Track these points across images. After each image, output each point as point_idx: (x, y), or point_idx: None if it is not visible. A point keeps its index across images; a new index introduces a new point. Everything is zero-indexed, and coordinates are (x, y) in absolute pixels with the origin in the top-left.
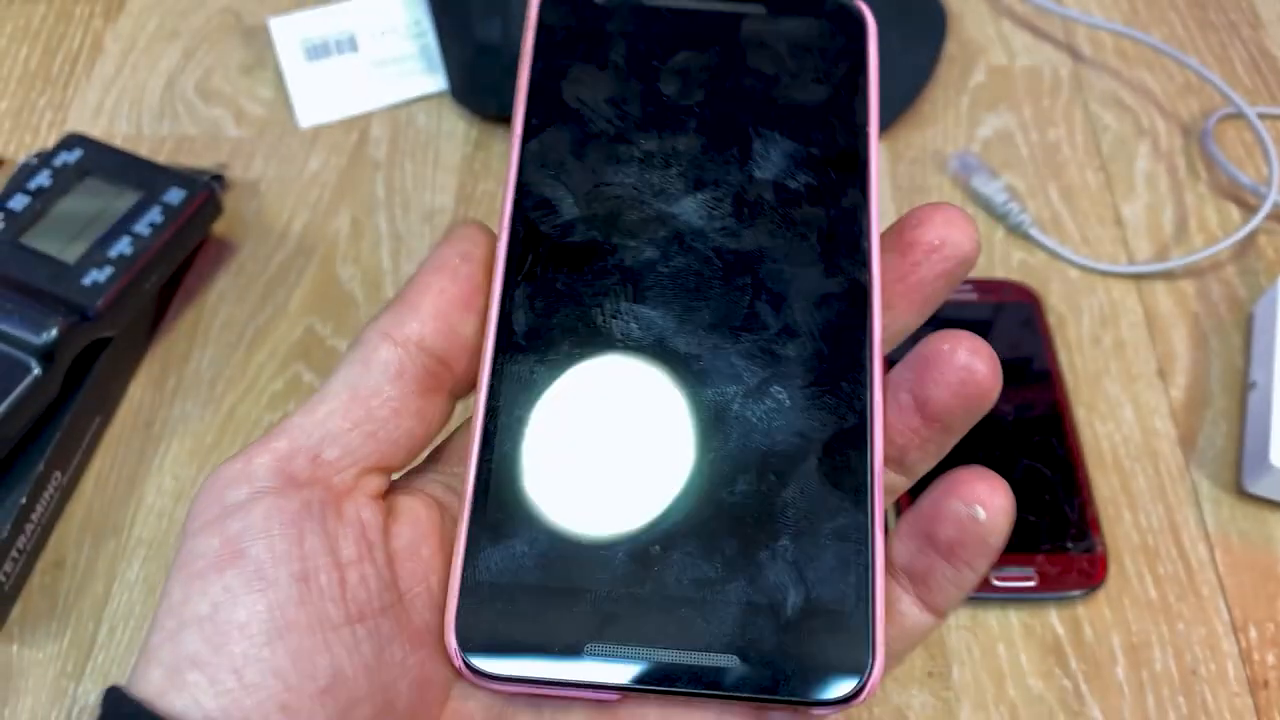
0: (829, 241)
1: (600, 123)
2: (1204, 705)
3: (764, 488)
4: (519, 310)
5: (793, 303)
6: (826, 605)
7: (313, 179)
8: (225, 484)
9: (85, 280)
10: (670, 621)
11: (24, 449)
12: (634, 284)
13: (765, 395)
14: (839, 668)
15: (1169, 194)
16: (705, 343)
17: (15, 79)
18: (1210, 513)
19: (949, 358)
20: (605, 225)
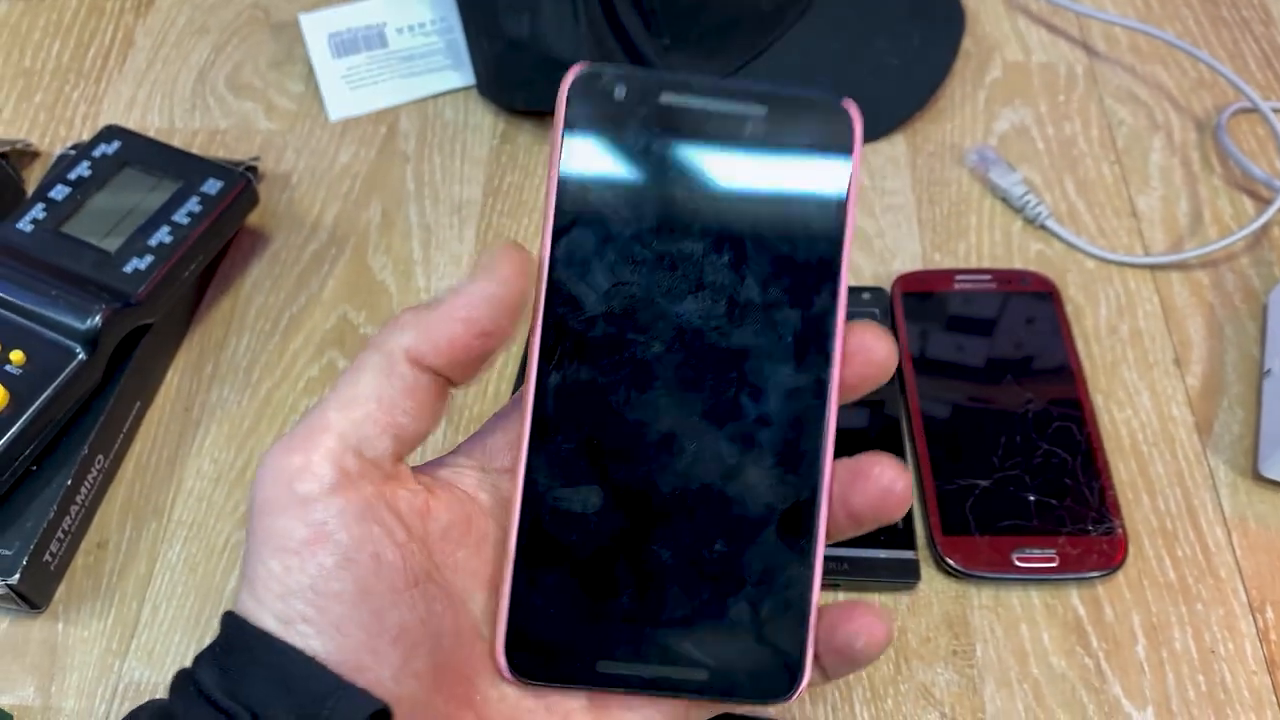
0: (802, 343)
1: (619, 224)
2: (1222, 683)
3: (735, 545)
4: (552, 393)
5: (769, 395)
6: (775, 636)
7: (343, 171)
8: (291, 476)
9: (126, 268)
10: (661, 644)
11: (68, 433)
12: (642, 374)
13: (741, 471)
14: (779, 679)
15: (1183, 187)
16: (697, 427)
17: (49, 73)
18: (1227, 496)
19: (875, 480)
20: (619, 321)
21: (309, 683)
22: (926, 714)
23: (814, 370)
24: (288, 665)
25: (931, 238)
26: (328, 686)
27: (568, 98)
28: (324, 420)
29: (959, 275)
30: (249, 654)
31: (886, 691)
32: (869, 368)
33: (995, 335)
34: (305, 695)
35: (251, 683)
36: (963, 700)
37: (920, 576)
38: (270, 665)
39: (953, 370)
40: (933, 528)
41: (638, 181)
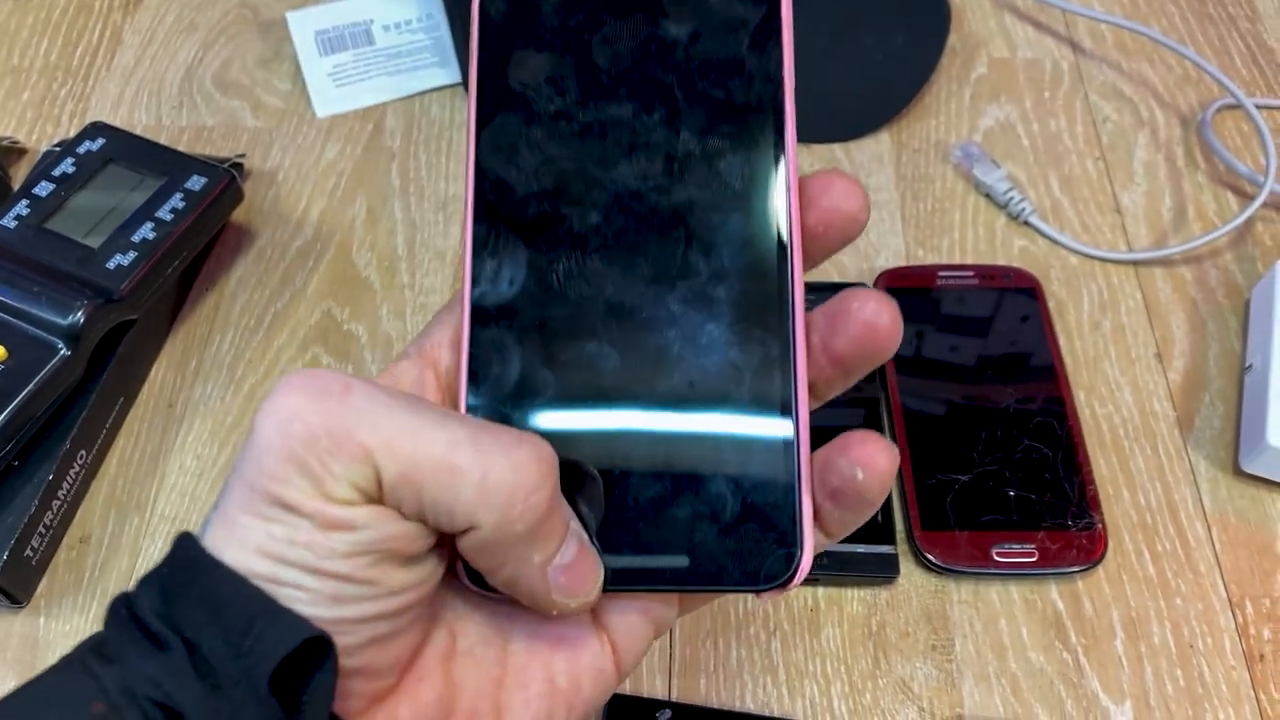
0: (753, 190)
1: (542, 102)
2: (1201, 678)
3: (704, 414)
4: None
5: (720, 247)
6: (760, 510)
7: (329, 168)
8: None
9: (109, 264)
10: (632, 532)
11: (50, 428)
12: (582, 246)
13: (702, 332)
14: (774, 560)
15: (1168, 183)
16: (648, 291)
17: (37, 70)
18: (1207, 492)
19: (856, 314)
20: (555, 194)
21: (238, 605)
22: (905, 708)
23: (767, 216)
24: (214, 583)
25: (915, 234)
26: (252, 611)
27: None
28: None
29: (942, 271)
30: (189, 574)
31: (865, 686)
32: (835, 214)
33: (978, 331)
34: (230, 619)
35: (188, 606)
36: (941, 695)
37: (899, 571)
38: (203, 586)
39: (934, 366)
40: (912, 523)
41: (557, 58)
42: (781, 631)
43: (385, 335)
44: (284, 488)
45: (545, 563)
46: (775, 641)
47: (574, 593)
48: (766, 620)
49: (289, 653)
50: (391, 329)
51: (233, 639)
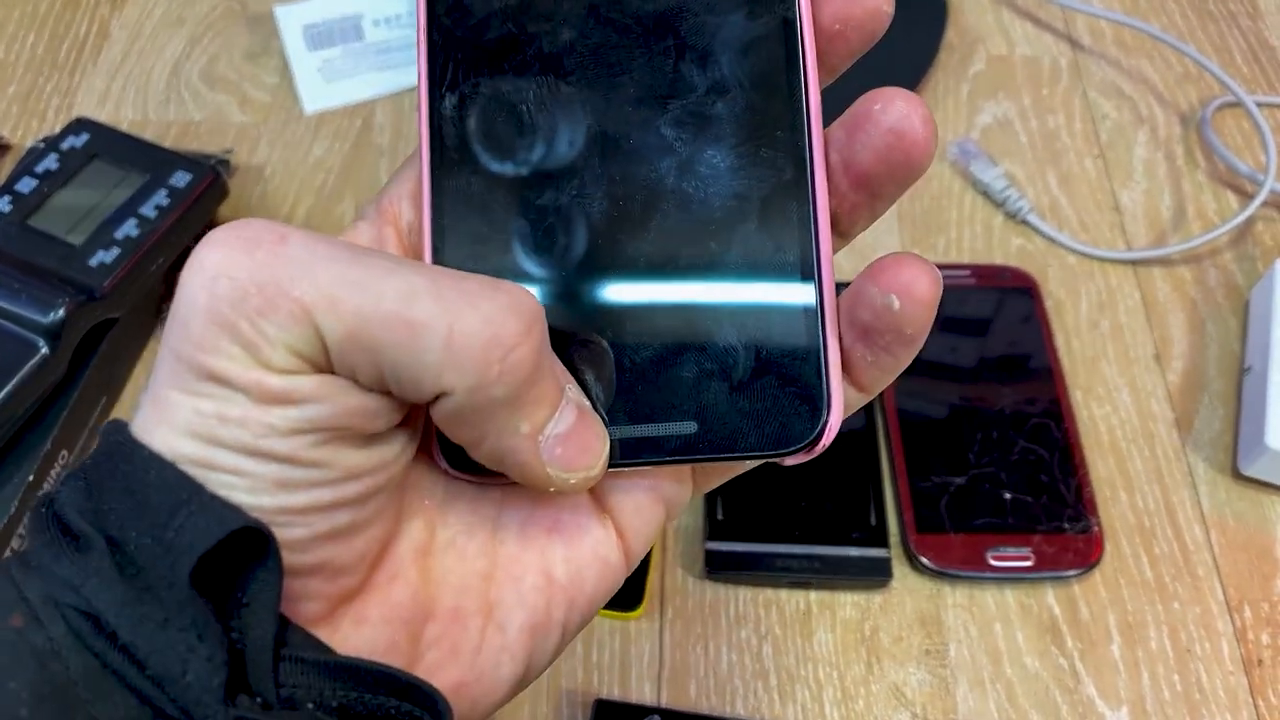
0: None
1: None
2: (1198, 683)
3: (708, 252)
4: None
5: (717, 54)
6: (778, 364)
7: (317, 164)
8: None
9: (92, 261)
10: (632, 398)
11: (31, 427)
12: (557, 65)
13: (701, 162)
14: (796, 420)
15: (1167, 181)
16: (636, 113)
17: (23, 65)
18: (1206, 494)
19: (878, 118)
20: (521, 9)
21: (160, 493)
22: (898, 714)
23: (771, 14)
24: (142, 473)
25: (911, 232)
26: (176, 498)
27: None
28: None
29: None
30: (115, 465)
31: (858, 692)
32: (854, 6)
33: (974, 331)
34: (156, 510)
35: (112, 500)
36: (935, 701)
37: (893, 575)
38: (126, 475)
39: (930, 366)
40: (906, 525)
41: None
42: (773, 636)
43: None
44: (212, 356)
45: (535, 432)
46: (766, 646)
47: (573, 466)
48: (758, 624)
49: (214, 545)
50: None
51: (157, 533)
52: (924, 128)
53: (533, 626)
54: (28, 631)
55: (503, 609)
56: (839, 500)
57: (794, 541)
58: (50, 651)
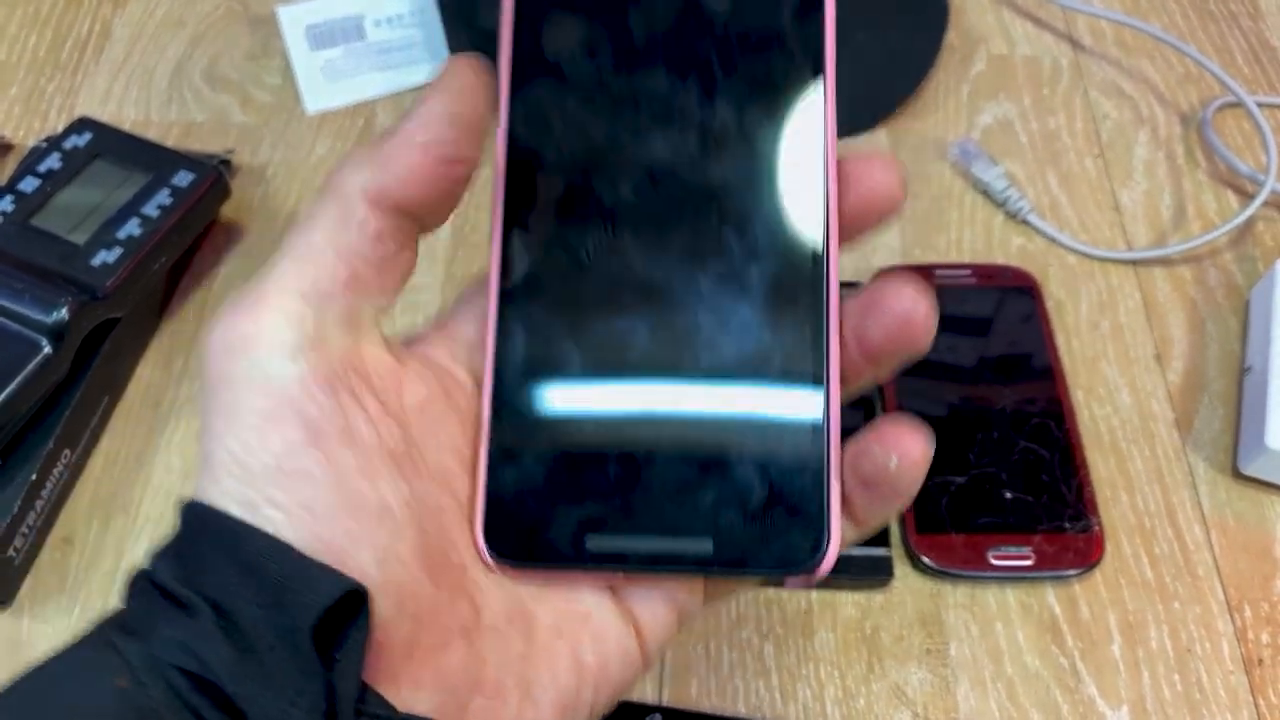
0: (787, 167)
1: (577, 73)
2: (1199, 683)
3: (733, 394)
4: (518, 253)
5: (755, 226)
6: (788, 495)
7: (319, 164)
8: (246, 343)
9: (94, 261)
10: (656, 513)
11: (34, 427)
12: (613, 221)
13: (733, 312)
14: (800, 546)
15: (1167, 181)
16: (680, 267)
17: (24, 65)
18: (1206, 494)
19: (891, 305)
20: (588, 167)
21: (271, 565)
22: (899, 713)
23: (804, 195)
24: (248, 547)
25: (912, 232)
26: (291, 569)
27: None
28: (278, 278)
29: (939, 270)
30: (207, 539)
31: (859, 691)
32: (873, 195)
33: (975, 331)
34: (267, 579)
35: (211, 569)
36: (936, 700)
37: (894, 574)
38: (230, 549)
39: (930, 365)
40: (907, 525)
41: (592, 28)
42: (774, 635)
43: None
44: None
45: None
46: (768, 645)
47: None
48: (759, 623)
49: (329, 604)
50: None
51: (266, 596)
52: (928, 316)
53: (564, 706)
54: (133, 692)
55: (538, 687)
56: None
57: None
58: (152, 710)
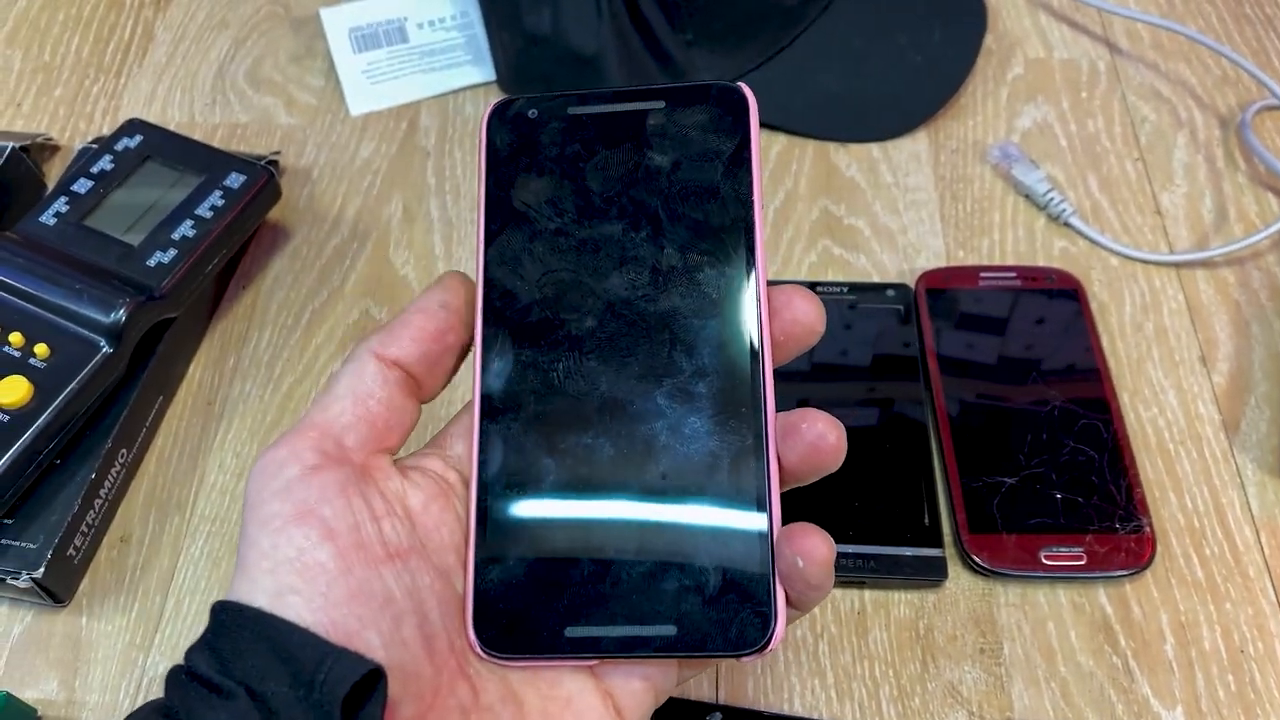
0: (726, 299)
1: (543, 221)
2: (1252, 683)
3: (687, 498)
4: (496, 378)
5: (701, 349)
6: (738, 585)
7: (364, 166)
8: (279, 465)
9: (150, 261)
10: (625, 604)
11: (91, 427)
12: (578, 347)
13: (685, 425)
14: (751, 629)
15: (1208, 184)
16: (636, 389)
17: (69, 67)
18: (1255, 495)
19: (804, 434)
20: (551, 305)
21: (302, 650)
22: (954, 712)
23: (741, 322)
24: (279, 636)
25: (955, 234)
26: (320, 652)
27: (487, 124)
28: (307, 419)
29: (984, 272)
30: (240, 632)
31: (914, 690)
32: (795, 326)
33: (1020, 333)
34: (298, 663)
35: (244, 658)
36: (990, 699)
37: (947, 574)
38: (262, 638)
39: (977, 367)
40: (959, 525)
41: (556, 182)
42: (829, 634)
43: None
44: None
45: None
46: (823, 644)
47: None
48: (814, 623)
49: (357, 680)
50: None
51: (301, 679)
52: (837, 445)
53: None
54: None
55: None
56: (892, 501)
57: (848, 541)
58: None
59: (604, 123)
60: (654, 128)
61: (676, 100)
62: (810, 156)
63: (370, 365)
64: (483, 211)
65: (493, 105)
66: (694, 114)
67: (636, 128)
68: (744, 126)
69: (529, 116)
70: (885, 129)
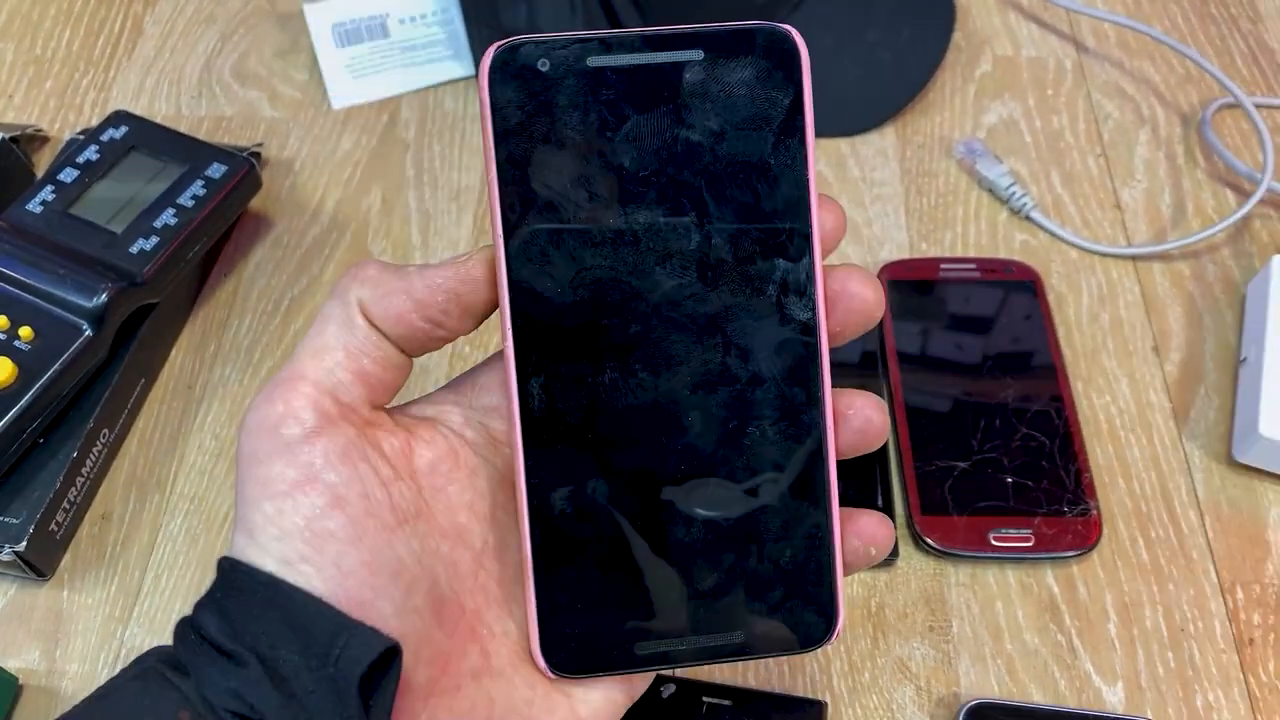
0: (783, 293)
1: (570, 209)
2: (1191, 661)
3: (750, 506)
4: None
5: (757, 353)
6: (804, 585)
7: (345, 158)
8: (276, 421)
9: (132, 248)
10: (693, 616)
11: (74, 407)
12: (626, 357)
13: (743, 432)
14: (817, 625)
15: (1167, 179)
16: (690, 398)
17: (59, 60)
18: (1201, 481)
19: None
20: (590, 309)
21: (317, 622)
22: (902, 687)
23: (799, 319)
24: (292, 605)
25: (918, 227)
26: (336, 625)
27: (490, 81)
28: (299, 368)
29: (944, 264)
30: (251, 596)
31: (864, 665)
32: (853, 314)
33: (978, 322)
34: (312, 635)
35: (256, 624)
36: (938, 674)
37: (899, 554)
38: (275, 605)
39: (935, 356)
40: (912, 507)
41: (582, 158)
42: None
43: None
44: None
45: None
46: None
47: None
48: None
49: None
50: None
51: (314, 650)
52: (883, 426)
53: None
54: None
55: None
56: (847, 484)
57: None
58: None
59: (632, 79)
60: (691, 85)
61: (716, 48)
62: None
63: (358, 320)
64: (497, 196)
65: (493, 52)
66: (738, 68)
67: (671, 86)
68: (796, 84)
69: (540, 70)
70: (853, 124)
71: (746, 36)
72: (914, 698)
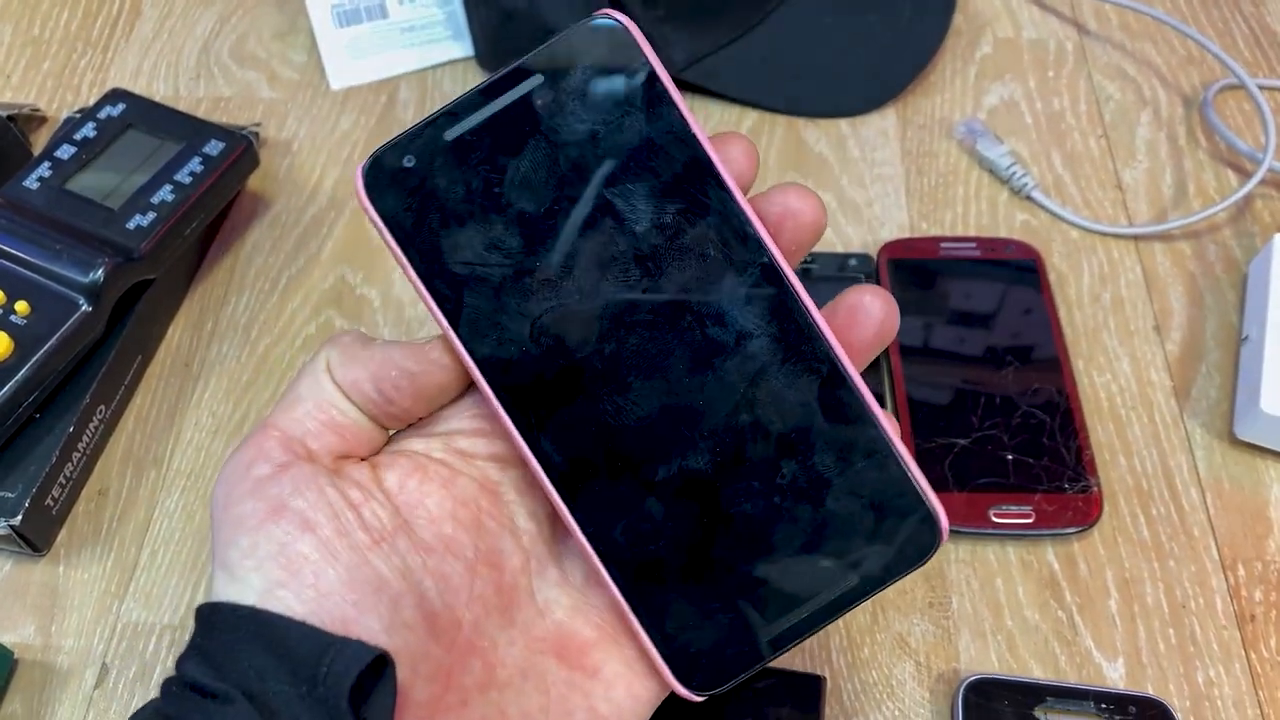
0: (725, 245)
1: (498, 269)
2: (1192, 637)
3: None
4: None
5: (729, 309)
6: (893, 507)
7: (343, 138)
8: (247, 465)
9: (129, 224)
10: (798, 586)
11: (71, 383)
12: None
13: (757, 389)
14: (923, 535)
15: (1169, 160)
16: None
17: (57, 41)
18: (1203, 458)
19: (866, 316)
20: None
21: (301, 644)
22: (902, 662)
23: (749, 260)
24: (274, 633)
25: (919, 207)
26: (320, 645)
27: (370, 200)
28: (271, 420)
29: (944, 242)
30: (233, 633)
31: (863, 640)
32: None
33: (979, 301)
34: (298, 659)
35: (241, 660)
36: (938, 650)
37: None
38: (259, 637)
39: (935, 334)
40: None
41: (485, 223)
42: None
43: (397, 299)
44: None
45: None
46: None
47: None
48: None
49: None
50: (404, 293)
51: (302, 674)
52: (881, 309)
53: None
54: None
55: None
56: None
57: None
58: None
59: (493, 131)
60: (546, 109)
61: (550, 66)
62: (780, 132)
63: (325, 379)
64: (427, 294)
65: (360, 174)
66: (577, 72)
67: (530, 119)
68: (635, 54)
69: (408, 167)
70: (854, 105)
71: (569, 42)
72: (913, 673)
